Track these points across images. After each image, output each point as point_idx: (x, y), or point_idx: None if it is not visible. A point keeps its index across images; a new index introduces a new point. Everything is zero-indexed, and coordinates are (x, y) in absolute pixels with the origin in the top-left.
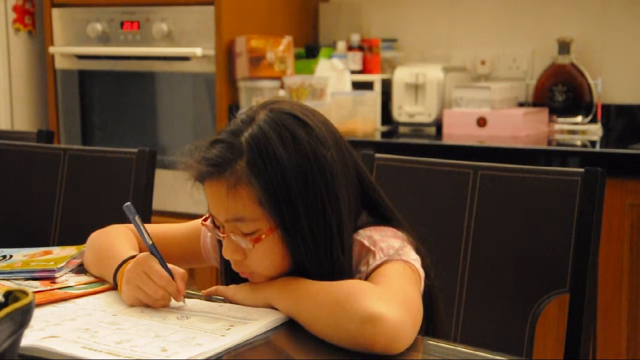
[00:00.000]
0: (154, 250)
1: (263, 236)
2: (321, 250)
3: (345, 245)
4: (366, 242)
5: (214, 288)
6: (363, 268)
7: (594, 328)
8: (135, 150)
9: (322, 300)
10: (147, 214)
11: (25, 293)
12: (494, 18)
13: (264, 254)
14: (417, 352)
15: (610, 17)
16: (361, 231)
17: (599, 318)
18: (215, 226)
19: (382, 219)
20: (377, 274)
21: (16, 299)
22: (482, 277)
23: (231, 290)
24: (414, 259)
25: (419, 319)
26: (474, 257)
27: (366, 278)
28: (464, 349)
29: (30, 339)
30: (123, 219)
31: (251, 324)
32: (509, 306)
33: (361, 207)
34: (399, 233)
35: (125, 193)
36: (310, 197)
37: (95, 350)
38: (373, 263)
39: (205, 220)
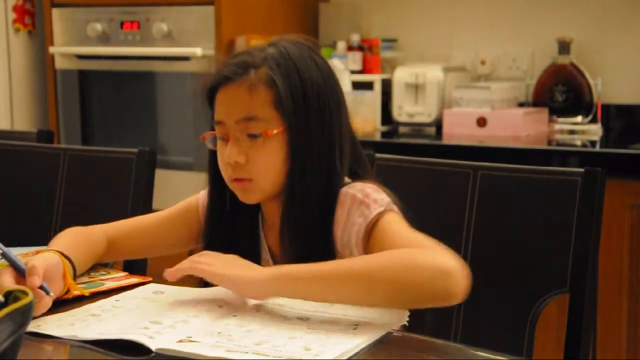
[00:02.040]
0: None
1: (275, 131)
2: (322, 159)
3: (344, 163)
4: (359, 195)
5: (187, 267)
6: (359, 220)
7: (594, 328)
8: (135, 150)
9: (373, 269)
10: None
11: (25, 293)
12: (494, 18)
13: (268, 154)
14: (417, 352)
15: (610, 17)
16: (353, 184)
17: (599, 318)
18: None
19: (364, 176)
20: (384, 228)
21: (16, 299)
22: (481, 277)
23: (214, 271)
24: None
25: None
26: (474, 257)
27: (366, 230)
28: (464, 349)
29: (165, 338)
30: (121, 219)
31: (374, 323)
32: (509, 306)
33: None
34: (380, 189)
35: (125, 193)
36: (323, 110)
37: (241, 352)
38: (369, 214)
39: (207, 134)
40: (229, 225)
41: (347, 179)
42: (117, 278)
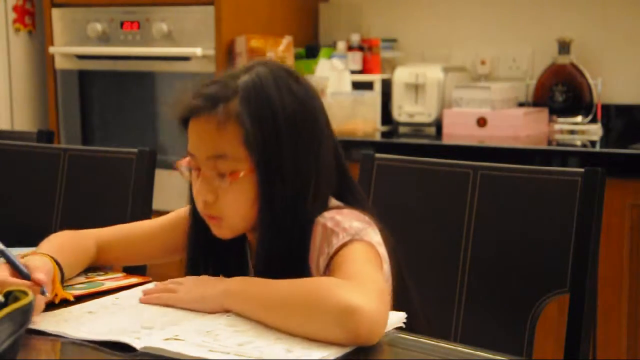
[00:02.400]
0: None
1: (242, 173)
2: (295, 195)
3: (317, 206)
4: (329, 224)
5: (155, 296)
6: (326, 249)
7: (594, 328)
8: (135, 150)
9: (293, 297)
10: (147, 214)
11: (25, 293)
12: (494, 18)
13: (237, 194)
14: (416, 352)
15: (610, 17)
16: (325, 213)
17: (599, 318)
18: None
19: (351, 200)
20: (341, 257)
21: (16, 299)
22: (482, 277)
23: (179, 297)
24: (377, 241)
25: (389, 307)
26: (473, 257)
27: (330, 259)
28: (464, 349)
29: (153, 338)
30: (122, 219)
31: None
32: (509, 306)
33: (333, 185)
34: (362, 215)
35: (125, 193)
36: (297, 144)
37: (222, 352)
38: (336, 243)
39: (181, 163)
40: (214, 245)
41: (334, 201)
42: (116, 278)
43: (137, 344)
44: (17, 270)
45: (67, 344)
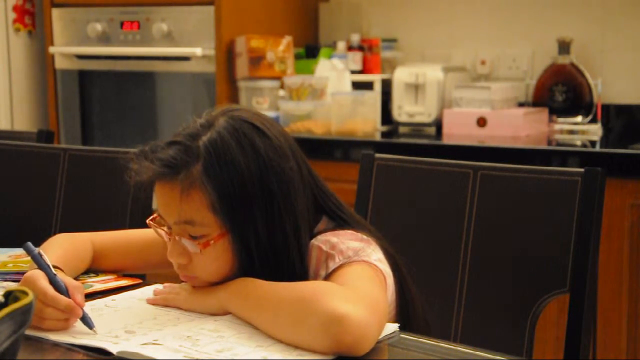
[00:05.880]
0: (49, 273)
1: (212, 242)
2: (280, 260)
3: (303, 255)
4: (324, 247)
5: (161, 297)
6: (322, 272)
7: (594, 328)
8: (135, 150)
9: (283, 300)
10: (147, 214)
11: (25, 293)
12: (494, 18)
13: (210, 259)
14: (417, 352)
15: (610, 17)
16: (319, 236)
17: (599, 318)
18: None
19: (342, 222)
20: (337, 275)
21: (16, 299)
22: (482, 277)
23: (182, 298)
24: (376, 259)
25: (384, 320)
26: (473, 257)
27: (327, 277)
28: (464, 349)
29: (131, 343)
30: (122, 219)
31: None
32: (509, 306)
33: (319, 213)
34: (358, 234)
35: (125, 193)
36: (267, 206)
37: (197, 358)
38: (332, 266)
39: (152, 220)
40: None
41: (327, 222)
42: (106, 280)
43: (114, 349)
44: (53, 283)
45: (43, 345)
